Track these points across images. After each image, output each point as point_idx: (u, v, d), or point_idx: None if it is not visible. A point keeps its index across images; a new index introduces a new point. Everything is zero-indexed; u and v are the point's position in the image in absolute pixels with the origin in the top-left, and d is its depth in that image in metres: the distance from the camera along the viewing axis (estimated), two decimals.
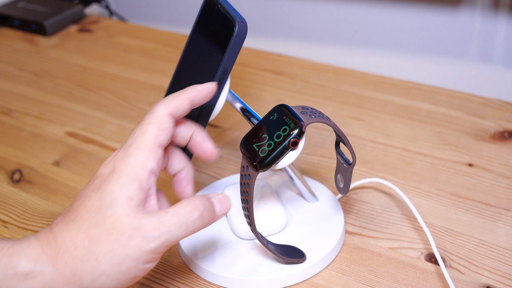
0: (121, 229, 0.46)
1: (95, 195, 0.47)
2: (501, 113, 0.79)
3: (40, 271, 0.46)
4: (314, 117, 0.52)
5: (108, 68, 0.99)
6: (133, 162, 0.48)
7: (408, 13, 1.06)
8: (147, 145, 0.49)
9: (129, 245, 0.46)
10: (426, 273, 0.59)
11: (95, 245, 0.46)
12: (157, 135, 0.49)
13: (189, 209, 0.48)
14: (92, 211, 0.47)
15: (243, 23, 0.58)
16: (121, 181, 0.47)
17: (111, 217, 0.46)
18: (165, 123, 0.50)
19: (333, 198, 0.66)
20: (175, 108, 0.50)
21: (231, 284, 0.59)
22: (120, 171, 0.48)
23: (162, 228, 0.47)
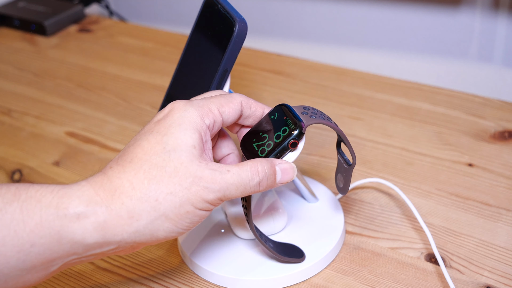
0: (184, 173, 0.46)
1: (154, 138, 0.47)
2: (501, 113, 0.79)
3: (93, 212, 0.45)
4: (314, 118, 0.52)
5: (108, 68, 0.99)
6: (194, 111, 0.49)
7: (408, 13, 1.06)
8: (209, 105, 0.50)
9: (190, 190, 0.46)
10: (426, 273, 0.59)
11: (156, 185, 0.46)
12: (222, 104, 0.51)
13: (250, 174, 0.49)
14: (153, 153, 0.47)
15: (243, 23, 0.58)
16: (183, 127, 0.48)
17: (175, 161, 0.46)
18: (235, 103, 0.52)
19: (333, 198, 0.66)
20: (248, 104, 0.53)
21: (231, 283, 0.59)
22: (182, 118, 0.48)
23: (223, 184, 0.47)
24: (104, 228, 0.45)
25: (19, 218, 0.44)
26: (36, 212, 0.44)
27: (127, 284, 0.60)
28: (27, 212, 0.44)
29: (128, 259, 0.63)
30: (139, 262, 0.63)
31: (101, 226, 0.45)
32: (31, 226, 0.44)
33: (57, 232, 0.44)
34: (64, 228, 0.44)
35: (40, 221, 0.44)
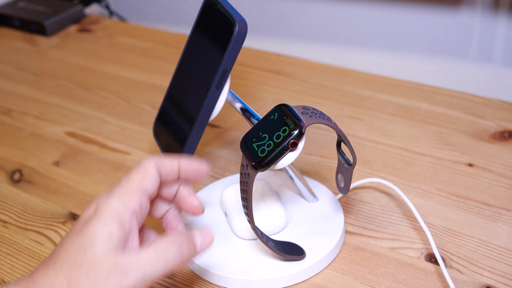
0: (100, 268, 0.46)
1: (76, 237, 0.48)
2: (501, 113, 0.79)
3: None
4: (314, 118, 0.52)
5: (108, 68, 0.99)
6: (115, 201, 0.49)
7: (408, 13, 1.06)
8: (130, 187, 0.50)
9: (107, 283, 0.46)
10: (426, 273, 0.59)
11: (73, 285, 0.46)
12: (141, 181, 0.51)
13: (167, 244, 0.49)
14: (72, 252, 0.47)
15: (243, 23, 0.58)
16: (102, 219, 0.48)
17: (90, 257, 0.46)
18: (150, 172, 0.51)
19: (333, 198, 0.66)
20: (162, 164, 0.52)
21: (231, 284, 0.59)
22: (102, 211, 0.48)
23: (140, 264, 0.47)
24: None
25: None
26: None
27: None
28: None
29: None
30: None
31: None
32: None
33: None
34: None
35: None
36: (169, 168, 0.53)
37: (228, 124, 0.82)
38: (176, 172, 0.53)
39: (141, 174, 0.51)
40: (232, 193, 0.64)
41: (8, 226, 0.70)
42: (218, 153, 0.77)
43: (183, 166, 0.54)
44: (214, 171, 0.74)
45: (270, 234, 0.62)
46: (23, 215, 0.71)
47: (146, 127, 0.84)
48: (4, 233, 0.68)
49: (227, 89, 0.61)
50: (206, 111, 0.61)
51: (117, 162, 0.78)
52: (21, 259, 0.65)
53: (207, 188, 0.70)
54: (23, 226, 0.69)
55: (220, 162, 0.76)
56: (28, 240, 0.67)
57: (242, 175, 0.54)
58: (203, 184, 0.72)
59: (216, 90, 0.60)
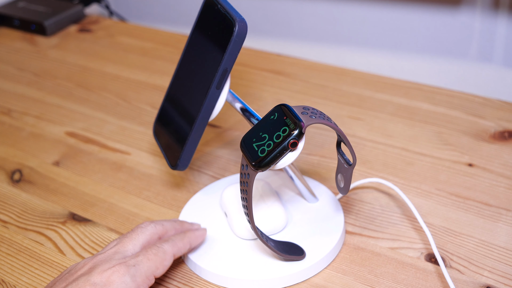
0: None
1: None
2: (501, 113, 0.79)
3: None
4: (314, 118, 0.52)
5: (108, 68, 0.99)
6: (130, 283, 0.52)
7: (408, 13, 1.06)
8: (147, 272, 0.54)
9: None
10: (426, 273, 0.59)
11: None
12: (157, 267, 0.55)
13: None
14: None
15: (243, 23, 0.58)
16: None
17: None
18: (168, 260, 0.56)
19: (333, 198, 0.66)
20: (178, 250, 0.58)
21: (231, 284, 0.59)
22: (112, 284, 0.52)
23: None
24: None
25: None
26: None
27: None
28: None
29: None
30: None
31: None
32: None
33: None
34: None
35: None
36: (183, 251, 0.59)
37: (228, 124, 0.82)
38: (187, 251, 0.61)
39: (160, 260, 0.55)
40: (232, 193, 0.64)
41: (8, 226, 0.70)
42: (218, 153, 0.77)
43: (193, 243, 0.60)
44: (214, 171, 0.74)
45: (270, 234, 0.62)
46: (23, 215, 0.71)
47: (146, 127, 0.84)
48: (4, 233, 0.68)
49: (227, 89, 0.61)
50: (206, 111, 0.61)
51: (117, 162, 0.78)
52: (21, 259, 0.65)
53: (207, 188, 0.70)
54: (23, 226, 0.69)
55: (220, 162, 0.76)
56: (28, 240, 0.67)
57: (242, 175, 0.54)
58: (203, 184, 0.72)
59: (216, 90, 0.60)
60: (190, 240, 0.60)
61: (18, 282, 0.62)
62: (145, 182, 0.74)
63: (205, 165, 0.75)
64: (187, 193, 0.71)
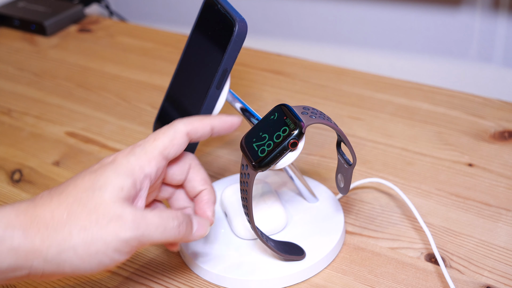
0: (103, 212, 0.47)
1: (89, 176, 0.49)
2: (501, 113, 0.79)
3: (10, 236, 0.45)
4: (314, 118, 0.52)
5: (108, 68, 0.99)
6: (134, 161, 0.50)
7: (408, 13, 1.06)
8: (153, 152, 0.51)
9: (106, 228, 0.46)
10: (426, 273, 0.59)
11: (72, 219, 0.46)
12: (166, 146, 0.51)
13: (170, 216, 0.50)
14: (81, 189, 0.48)
15: (243, 23, 0.58)
16: (118, 171, 0.49)
17: (97, 199, 0.47)
18: (179, 138, 0.52)
19: (333, 198, 0.66)
20: (193, 129, 0.53)
21: (231, 284, 0.59)
22: (120, 163, 0.49)
23: (142, 222, 0.48)
24: (17, 253, 0.45)
25: None
26: None
27: (127, 284, 0.60)
28: None
29: (128, 258, 0.63)
30: (139, 262, 0.63)
31: (14, 251, 0.45)
32: None
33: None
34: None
35: None
36: (201, 132, 0.53)
37: None
38: (208, 133, 0.54)
39: (168, 140, 0.51)
40: (232, 193, 0.64)
41: None
42: (218, 153, 0.77)
43: (216, 126, 0.54)
44: (214, 171, 0.74)
45: (270, 234, 0.62)
46: None
47: (146, 127, 0.84)
48: None
49: (227, 89, 0.61)
50: (206, 111, 0.61)
51: None
52: None
53: None
54: None
55: (220, 162, 0.76)
56: None
57: (242, 175, 0.54)
58: None
59: (216, 90, 0.60)
60: (212, 122, 0.54)
61: (18, 282, 0.62)
62: None
63: (205, 165, 0.75)
64: None
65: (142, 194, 0.50)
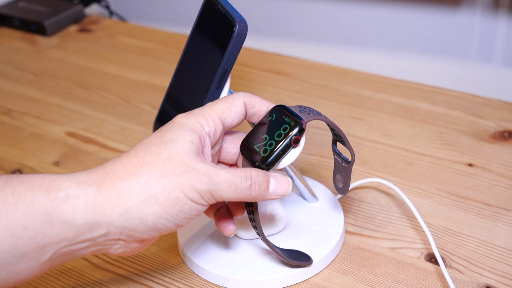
0: (178, 162, 0.46)
1: (154, 135, 0.49)
2: (501, 113, 0.79)
3: (84, 192, 0.45)
4: (312, 115, 0.52)
5: (108, 68, 0.99)
6: (194, 120, 0.50)
7: (408, 13, 1.06)
8: (211, 113, 0.51)
9: (182, 176, 0.46)
10: (426, 273, 0.59)
11: (148, 169, 0.46)
12: (224, 111, 0.52)
13: (243, 175, 0.49)
14: (150, 144, 0.48)
15: (243, 23, 0.58)
16: (183, 128, 0.49)
17: (170, 150, 0.47)
18: (237, 106, 0.52)
19: (333, 198, 0.66)
20: (251, 102, 0.53)
21: (231, 284, 0.59)
22: (182, 123, 0.49)
23: (216, 177, 0.47)
24: (94, 208, 0.45)
25: (10, 201, 0.44)
26: (28, 195, 0.44)
27: (127, 284, 0.60)
28: (18, 195, 0.44)
29: (128, 258, 0.63)
30: (139, 262, 0.63)
31: (91, 206, 0.45)
32: (22, 209, 0.44)
33: (47, 214, 0.44)
34: (55, 209, 0.44)
35: (31, 203, 0.44)
36: (257, 109, 0.53)
37: None
38: (262, 115, 0.54)
39: (226, 106, 0.52)
40: None
41: None
42: None
43: None
44: None
45: (270, 234, 0.62)
46: None
47: (146, 127, 0.84)
48: None
49: (227, 89, 0.61)
50: None
51: None
52: None
53: None
54: None
55: None
56: None
57: None
58: None
59: (216, 90, 0.60)
60: (269, 105, 0.54)
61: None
62: None
63: None
64: None
65: (206, 150, 0.50)
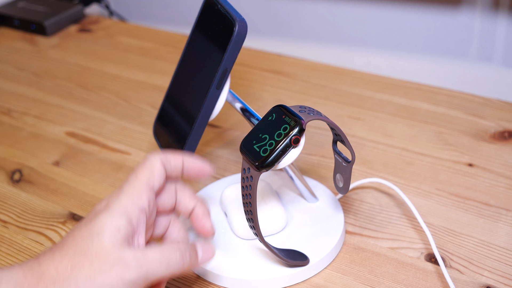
0: (104, 257, 0.47)
1: (85, 226, 0.49)
2: (501, 113, 0.79)
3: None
4: (312, 115, 0.52)
5: (108, 68, 0.99)
6: (125, 198, 0.50)
7: (408, 13, 1.06)
8: (140, 185, 0.51)
9: (110, 274, 0.47)
10: (426, 273, 0.59)
11: (77, 271, 0.47)
12: (148, 178, 0.52)
13: (172, 249, 0.50)
14: (79, 239, 0.48)
15: (243, 23, 0.58)
16: (111, 214, 0.49)
17: (96, 245, 0.47)
18: (157, 168, 0.53)
19: (333, 198, 0.66)
20: (166, 160, 0.54)
21: (231, 284, 0.59)
22: (112, 206, 0.50)
23: (144, 261, 0.48)
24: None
25: None
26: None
27: None
28: None
29: None
30: None
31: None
32: None
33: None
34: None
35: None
36: (174, 164, 0.54)
37: (228, 124, 0.82)
38: (180, 168, 0.55)
39: (148, 171, 0.52)
40: (232, 193, 0.64)
41: (8, 226, 0.70)
42: (218, 153, 0.77)
43: (187, 163, 0.55)
44: (214, 171, 0.74)
45: (270, 234, 0.62)
46: (23, 215, 0.71)
47: (146, 127, 0.84)
48: (4, 233, 0.68)
49: (227, 89, 0.61)
50: (206, 111, 0.61)
51: (117, 162, 0.78)
52: (21, 259, 0.65)
53: (207, 188, 0.70)
54: (23, 226, 0.69)
55: (220, 162, 0.76)
56: (28, 240, 0.67)
57: (244, 180, 0.54)
58: (203, 184, 0.72)
59: (216, 90, 0.60)
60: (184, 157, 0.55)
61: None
62: None
63: None
64: None
65: (140, 230, 0.50)
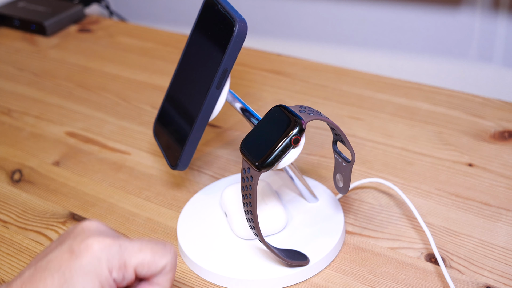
0: None
1: (58, 280, 0.44)
2: (501, 113, 0.79)
3: None
4: (312, 115, 0.52)
5: (108, 68, 0.99)
6: (102, 265, 0.45)
7: (408, 13, 1.06)
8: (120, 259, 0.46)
9: None
10: (426, 273, 0.59)
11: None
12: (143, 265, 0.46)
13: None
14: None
15: (243, 23, 0.58)
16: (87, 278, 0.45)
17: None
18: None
19: (333, 198, 0.66)
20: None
21: (231, 284, 0.59)
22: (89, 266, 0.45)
23: None
24: None
25: None
26: None
27: None
28: None
29: None
30: None
31: None
32: None
33: None
34: None
35: None
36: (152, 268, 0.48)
37: (228, 124, 0.82)
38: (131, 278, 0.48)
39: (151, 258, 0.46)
40: (232, 193, 0.64)
41: (8, 226, 0.70)
42: (218, 153, 0.77)
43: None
44: (214, 171, 0.74)
45: (270, 234, 0.62)
46: (23, 215, 0.71)
47: (146, 127, 0.84)
48: (4, 233, 0.68)
49: (227, 89, 0.61)
50: (206, 111, 0.61)
51: (117, 162, 0.78)
52: (21, 259, 0.65)
53: (207, 188, 0.70)
54: (23, 226, 0.69)
55: (220, 162, 0.76)
56: (28, 240, 0.67)
57: (244, 180, 0.54)
58: (203, 184, 0.72)
59: (216, 90, 0.60)
60: None
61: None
62: (145, 182, 0.74)
63: (205, 165, 0.75)
64: (187, 193, 0.71)
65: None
